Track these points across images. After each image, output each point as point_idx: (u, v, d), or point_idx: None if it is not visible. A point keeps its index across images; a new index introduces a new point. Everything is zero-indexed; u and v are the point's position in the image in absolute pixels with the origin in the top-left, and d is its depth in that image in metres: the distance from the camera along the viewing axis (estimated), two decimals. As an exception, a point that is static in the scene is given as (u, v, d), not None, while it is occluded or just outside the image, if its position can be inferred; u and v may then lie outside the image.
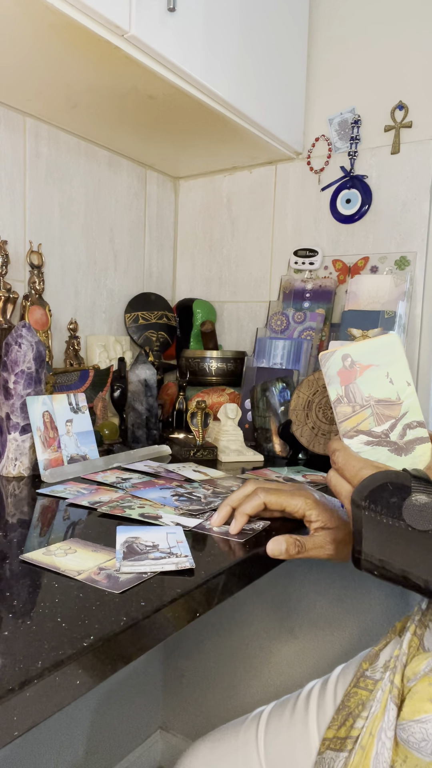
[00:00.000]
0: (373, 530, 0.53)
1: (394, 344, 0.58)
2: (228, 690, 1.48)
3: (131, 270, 1.59)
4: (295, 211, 1.52)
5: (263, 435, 1.18)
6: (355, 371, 0.58)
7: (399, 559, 0.52)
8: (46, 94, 1.16)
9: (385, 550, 0.53)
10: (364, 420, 0.58)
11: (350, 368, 0.59)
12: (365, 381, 0.58)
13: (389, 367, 0.58)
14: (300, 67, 1.42)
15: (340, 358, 0.59)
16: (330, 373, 0.59)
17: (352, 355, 0.59)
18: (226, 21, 1.15)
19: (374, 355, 0.58)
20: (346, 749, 0.63)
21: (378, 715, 0.62)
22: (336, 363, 0.59)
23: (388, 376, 0.58)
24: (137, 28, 0.94)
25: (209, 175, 1.65)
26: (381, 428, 0.57)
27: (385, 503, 0.52)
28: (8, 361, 0.94)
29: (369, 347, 0.59)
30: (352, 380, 0.58)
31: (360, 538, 0.54)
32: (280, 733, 0.75)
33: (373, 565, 0.54)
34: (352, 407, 0.58)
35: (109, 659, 0.46)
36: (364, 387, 0.58)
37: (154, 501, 0.81)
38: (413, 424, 0.58)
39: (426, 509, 0.51)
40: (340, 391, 0.59)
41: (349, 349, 0.59)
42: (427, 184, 1.33)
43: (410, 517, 0.51)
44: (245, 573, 0.64)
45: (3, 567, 0.58)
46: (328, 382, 0.59)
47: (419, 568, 0.51)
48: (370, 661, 0.72)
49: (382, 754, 0.59)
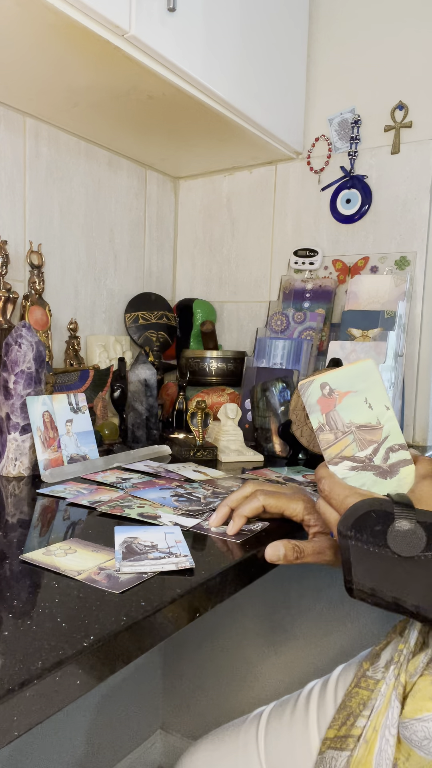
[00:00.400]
0: (361, 559, 0.53)
1: (371, 370, 0.59)
2: (228, 690, 1.48)
3: (131, 270, 1.59)
4: (295, 211, 1.52)
5: (263, 435, 1.18)
6: (334, 399, 0.59)
7: (389, 587, 0.52)
8: (46, 94, 1.16)
9: (375, 579, 0.53)
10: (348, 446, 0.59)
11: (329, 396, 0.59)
12: (345, 408, 0.59)
13: (367, 392, 0.59)
14: (300, 67, 1.42)
15: (319, 387, 0.60)
16: (310, 402, 0.60)
17: (330, 383, 0.60)
18: (226, 21, 1.15)
19: (351, 381, 0.59)
20: (349, 747, 0.63)
21: (382, 710, 0.62)
22: (315, 392, 0.60)
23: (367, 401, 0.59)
24: (137, 28, 0.94)
25: (209, 175, 1.65)
26: (364, 453, 0.58)
27: (370, 532, 0.52)
28: (8, 361, 0.94)
29: (346, 374, 0.60)
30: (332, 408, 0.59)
31: (349, 567, 0.54)
32: (281, 733, 0.75)
33: (365, 594, 0.54)
34: (335, 434, 0.59)
35: (109, 659, 0.46)
36: (345, 414, 0.59)
37: (153, 501, 0.81)
38: (395, 447, 0.59)
39: (409, 535, 0.51)
40: (322, 419, 0.60)
41: (327, 377, 0.60)
42: (427, 184, 1.33)
43: (395, 544, 0.51)
44: (245, 573, 0.64)
45: (3, 567, 0.58)
46: (310, 411, 0.60)
47: (409, 595, 0.51)
48: (371, 661, 0.72)
49: (386, 751, 0.60)
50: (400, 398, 1.35)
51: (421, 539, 0.50)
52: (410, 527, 0.51)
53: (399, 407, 1.34)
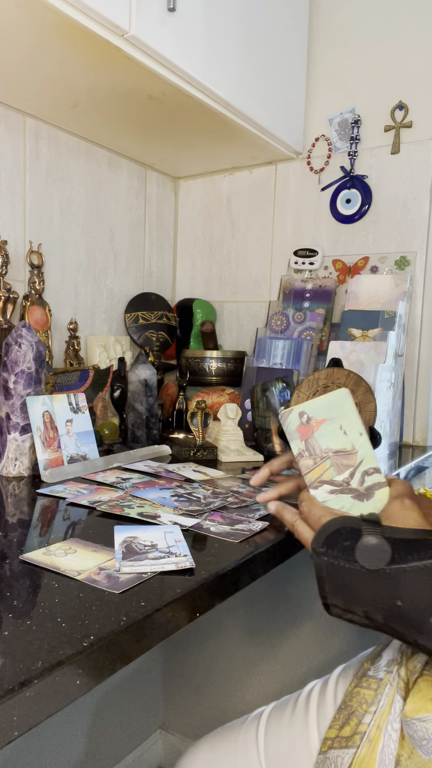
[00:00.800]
0: (333, 575, 0.55)
1: (344, 398, 0.63)
2: (228, 690, 1.48)
3: (131, 270, 1.59)
4: (295, 211, 1.52)
5: (263, 435, 1.18)
6: (311, 426, 0.63)
7: (359, 601, 0.54)
8: (46, 94, 1.16)
9: (346, 594, 0.55)
10: (326, 471, 0.62)
11: (307, 424, 0.63)
12: (322, 434, 0.63)
13: (341, 419, 0.63)
14: (300, 67, 1.42)
15: (297, 416, 0.64)
16: (290, 430, 0.64)
17: (308, 411, 0.63)
18: (226, 21, 1.15)
19: (327, 409, 0.63)
20: (354, 746, 0.63)
21: (386, 708, 0.63)
22: (294, 420, 0.64)
23: (342, 428, 0.63)
24: (137, 28, 0.94)
25: (209, 175, 1.65)
26: (342, 477, 0.62)
27: (340, 547, 0.55)
28: (8, 361, 0.94)
29: (321, 403, 0.63)
30: (310, 435, 0.63)
31: (323, 583, 0.56)
32: (280, 733, 0.75)
33: (340, 610, 0.56)
34: (314, 460, 0.63)
35: (109, 659, 0.46)
36: (322, 440, 0.63)
37: (153, 501, 0.81)
38: (370, 471, 0.62)
39: (376, 549, 0.53)
40: (301, 446, 0.63)
41: (304, 407, 0.64)
42: (427, 184, 1.33)
43: (362, 558, 0.53)
44: (245, 573, 0.64)
45: (3, 567, 0.58)
46: (290, 439, 0.64)
47: (376, 608, 0.53)
48: (373, 660, 0.72)
49: (389, 747, 0.60)
50: (400, 398, 1.35)
51: (386, 553, 0.53)
52: (377, 542, 0.53)
53: (399, 407, 1.34)
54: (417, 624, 0.51)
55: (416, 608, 0.51)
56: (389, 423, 1.25)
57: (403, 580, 0.52)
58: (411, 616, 0.51)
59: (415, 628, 0.51)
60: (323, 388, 0.95)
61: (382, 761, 0.60)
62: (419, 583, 0.51)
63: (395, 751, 0.60)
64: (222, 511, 0.79)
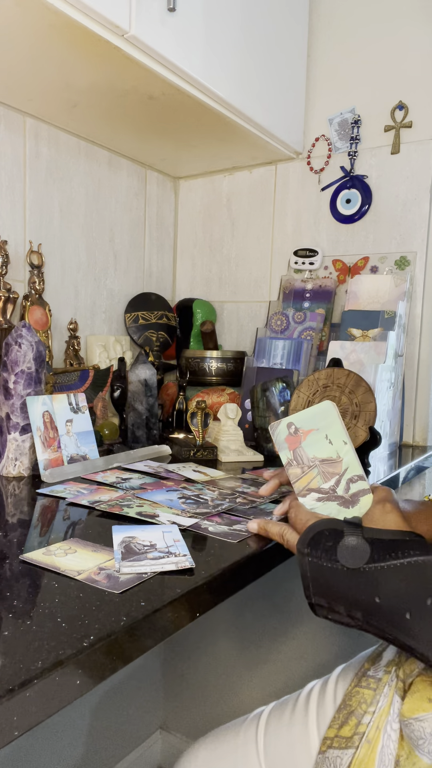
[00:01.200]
0: (316, 575, 0.58)
1: (329, 410, 0.66)
2: (228, 690, 1.48)
3: (131, 270, 1.59)
4: (295, 211, 1.52)
5: (263, 435, 1.18)
6: (299, 437, 0.66)
7: (341, 600, 0.56)
8: (46, 94, 1.16)
9: (329, 593, 0.57)
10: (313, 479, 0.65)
11: (295, 434, 0.67)
12: (309, 444, 0.66)
13: (327, 429, 0.66)
14: (300, 67, 1.42)
15: (285, 426, 0.67)
16: (279, 440, 0.67)
17: (295, 422, 0.67)
18: (226, 21, 1.15)
19: (313, 420, 0.66)
20: (353, 746, 0.63)
21: (385, 708, 0.63)
22: (283, 431, 0.67)
23: (327, 437, 0.65)
24: (137, 28, 0.94)
25: (209, 175, 1.65)
26: (328, 484, 0.64)
27: (322, 548, 0.58)
28: (8, 361, 0.94)
29: (308, 414, 0.67)
30: (297, 445, 0.66)
31: (307, 583, 0.59)
32: (280, 733, 0.75)
33: (324, 610, 0.59)
34: (301, 468, 0.66)
35: (109, 659, 0.46)
36: (309, 449, 0.66)
37: (160, 503, 0.80)
38: (354, 478, 0.64)
39: (356, 549, 0.56)
40: (290, 455, 0.67)
41: (292, 418, 0.67)
42: (427, 184, 1.33)
43: (343, 557, 0.56)
44: (245, 573, 0.64)
45: (3, 567, 0.58)
46: (279, 449, 0.67)
47: (356, 606, 0.55)
48: (373, 661, 0.72)
49: (388, 747, 0.60)
50: (400, 398, 1.35)
51: (366, 552, 0.55)
52: (357, 542, 0.56)
53: (399, 407, 1.34)
54: (395, 621, 0.53)
55: (393, 605, 0.53)
56: (389, 423, 1.25)
57: (381, 578, 0.54)
58: (389, 613, 0.53)
59: (393, 625, 0.53)
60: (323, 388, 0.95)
61: (382, 762, 0.60)
62: (396, 581, 0.53)
63: (395, 752, 0.60)
64: (231, 512, 0.79)
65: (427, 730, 0.57)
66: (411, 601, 0.52)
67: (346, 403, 0.93)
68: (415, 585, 0.52)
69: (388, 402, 1.22)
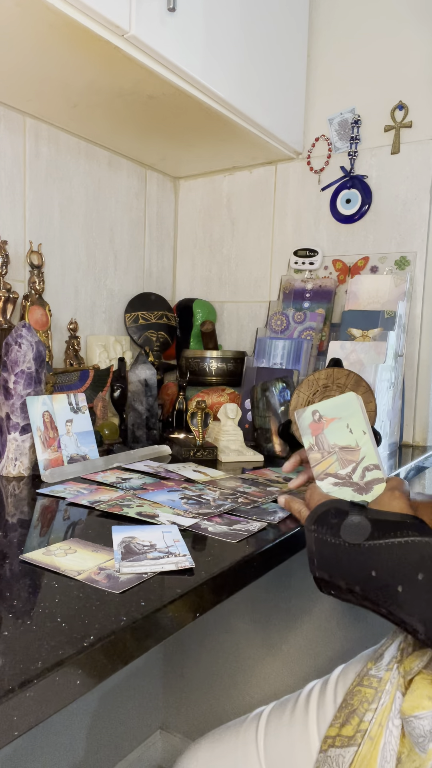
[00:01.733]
0: (321, 550, 0.62)
1: (353, 401, 0.70)
2: (228, 690, 1.48)
3: (131, 270, 1.59)
4: (295, 211, 1.52)
5: (263, 435, 1.18)
6: (322, 424, 0.70)
7: (341, 573, 0.60)
8: (46, 94, 1.16)
9: (331, 567, 0.61)
10: (331, 464, 0.69)
11: (318, 421, 0.70)
12: (331, 431, 0.70)
13: (349, 419, 0.69)
14: (300, 67, 1.42)
15: (311, 414, 0.71)
16: (303, 426, 0.71)
17: (320, 410, 0.71)
18: (226, 21, 1.15)
19: (337, 409, 0.70)
20: (355, 744, 0.63)
21: (387, 705, 0.64)
22: (307, 417, 0.71)
23: (348, 426, 0.69)
24: (137, 28, 0.94)
25: (209, 175, 1.65)
26: (345, 471, 0.68)
27: (328, 524, 0.62)
28: (8, 361, 0.94)
29: (332, 404, 0.70)
30: (320, 431, 0.70)
31: (312, 558, 0.63)
32: (280, 733, 0.75)
33: (327, 584, 0.62)
34: (321, 454, 0.69)
35: (109, 659, 0.46)
36: (330, 436, 0.69)
37: (162, 504, 0.80)
38: (370, 467, 0.67)
39: (358, 526, 0.60)
40: (312, 440, 0.70)
41: (317, 406, 0.71)
42: (427, 184, 1.33)
43: (345, 534, 0.60)
44: (245, 572, 0.64)
45: (3, 567, 0.58)
46: (303, 434, 0.71)
47: (355, 579, 0.59)
48: (375, 660, 0.72)
49: (390, 744, 0.60)
50: (400, 398, 1.35)
51: (366, 529, 0.59)
52: (359, 520, 0.60)
53: (399, 407, 1.34)
54: (388, 594, 0.56)
55: (387, 578, 0.56)
56: (389, 423, 1.25)
57: (379, 553, 0.57)
58: (383, 586, 0.57)
59: (386, 597, 0.56)
60: (323, 388, 0.95)
61: (384, 758, 0.60)
62: (392, 557, 0.57)
63: (396, 748, 0.60)
64: (233, 513, 0.79)
65: (427, 727, 0.57)
66: (404, 575, 0.55)
67: (346, 403, 0.93)
68: (409, 561, 0.56)
69: (388, 402, 1.22)
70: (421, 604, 0.54)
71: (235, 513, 0.78)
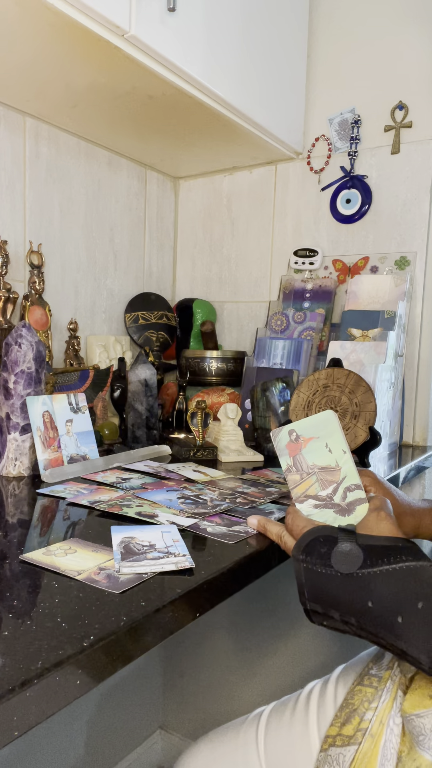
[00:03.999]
0: (311, 580, 0.59)
1: (330, 419, 0.68)
2: (228, 690, 1.48)
3: (131, 270, 1.59)
4: (295, 211, 1.52)
5: (263, 435, 1.18)
6: (300, 444, 0.68)
7: (335, 605, 0.57)
8: (46, 94, 1.16)
9: (323, 599, 0.58)
10: (311, 485, 0.66)
11: (296, 441, 0.68)
12: (309, 451, 0.67)
13: (327, 438, 0.67)
14: (300, 67, 1.42)
15: (287, 433, 0.69)
16: (280, 447, 0.69)
17: (297, 430, 0.68)
18: (226, 21, 1.15)
19: (314, 428, 0.67)
20: (356, 742, 0.63)
21: (388, 703, 0.64)
22: (284, 438, 0.69)
23: (327, 446, 0.66)
24: (137, 28, 0.94)
25: (209, 175, 1.65)
26: (326, 492, 0.65)
27: (317, 554, 0.59)
28: (8, 361, 0.94)
29: (309, 422, 0.68)
30: (298, 452, 0.67)
31: (303, 590, 0.60)
32: (280, 733, 0.75)
33: (320, 616, 0.59)
34: (300, 475, 0.67)
35: (109, 659, 0.46)
36: (309, 457, 0.67)
37: (159, 503, 0.80)
38: (351, 487, 0.65)
39: (349, 554, 0.57)
40: (289, 461, 0.68)
41: (294, 425, 0.69)
42: (427, 184, 1.33)
43: (337, 563, 0.57)
44: (245, 573, 0.64)
45: (3, 567, 0.58)
46: (279, 455, 0.69)
47: (350, 610, 0.56)
48: (376, 659, 0.72)
49: (390, 741, 0.60)
50: (400, 398, 1.35)
51: (358, 557, 0.56)
52: (350, 548, 0.57)
53: (399, 407, 1.34)
54: (387, 625, 0.53)
55: (385, 608, 0.53)
56: (389, 423, 1.25)
57: (374, 582, 0.55)
58: (381, 617, 0.54)
59: (385, 629, 0.53)
60: (323, 388, 0.95)
61: (384, 756, 0.60)
62: (387, 585, 0.54)
63: (397, 747, 0.60)
64: (230, 513, 0.79)
65: (428, 726, 0.57)
66: (402, 604, 0.53)
67: (346, 403, 0.93)
68: (407, 589, 0.53)
69: (388, 402, 1.22)
70: (423, 634, 0.51)
71: (233, 513, 0.78)
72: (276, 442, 0.69)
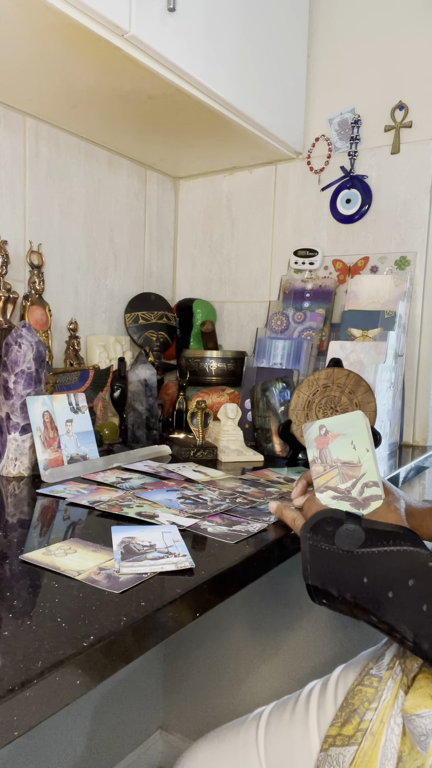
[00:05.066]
0: (315, 557, 0.63)
1: (359, 419, 0.72)
2: (228, 690, 1.48)
3: (131, 270, 1.59)
4: (295, 211, 1.52)
5: (263, 435, 1.18)
6: (328, 438, 0.72)
7: (334, 580, 0.61)
8: (46, 94, 1.16)
9: (324, 574, 0.62)
10: (332, 478, 0.70)
11: (324, 436, 0.73)
12: (335, 446, 0.71)
13: (354, 436, 0.71)
14: (300, 67, 1.42)
15: (317, 428, 0.73)
16: (309, 439, 0.73)
17: (327, 425, 0.73)
18: (226, 21, 1.15)
19: (343, 426, 0.72)
20: (356, 742, 0.64)
21: (389, 702, 0.64)
22: (314, 431, 0.73)
23: (353, 443, 0.71)
24: (137, 28, 0.94)
25: (209, 175, 1.65)
26: (345, 485, 0.69)
27: (323, 532, 0.63)
28: (8, 361, 0.94)
29: (339, 420, 0.72)
30: (325, 445, 0.72)
31: (306, 565, 0.63)
32: (281, 733, 0.75)
33: (319, 592, 0.62)
34: (324, 467, 0.71)
35: (109, 659, 0.46)
36: (334, 451, 0.71)
37: (159, 503, 0.80)
38: (369, 484, 0.69)
39: (352, 533, 0.61)
40: (316, 453, 0.73)
41: (325, 421, 0.73)
42: (427, 184, 1.33)
43: (340, 541, 0.61)
44: (245, 573, 0.64)
45: (3, 567, 0.58)
46: (308, 446, 0.74)
47: (347, 585, 0.59)
48: (376, 659, 0.72)
49: (391, 741, 0.61)
50: (400, 398, 1.35)
51: (360, 538, 0.61)
52: (353, 528, 0.62)
53: (399, 407, 1.34)
54: (379, 599, 0.57)
55: (378, 584, 0.57)
56: (389, 423, 1.25)
57: (371, 561, 0.59)
58: (374, 591, 0.57)
59: (378, 603, 0.57)
60: (323, 388, 0.95)
61: (384, 755, 0.60)
62: (383, 564, 0.58)
63: (397, 746, 0.60)
64: (230, 513, 0.78)
65: (429, 726, 0.57)
66: (395, 581, 0.56)
67: (346, 403, 0.93)
68: (401, 568, 0.57)
69: (388, 402, 1.22)
70: (411, 610, 0.54)
71: (233, 513, 0.78)
72: (306, 434, 0.74)
